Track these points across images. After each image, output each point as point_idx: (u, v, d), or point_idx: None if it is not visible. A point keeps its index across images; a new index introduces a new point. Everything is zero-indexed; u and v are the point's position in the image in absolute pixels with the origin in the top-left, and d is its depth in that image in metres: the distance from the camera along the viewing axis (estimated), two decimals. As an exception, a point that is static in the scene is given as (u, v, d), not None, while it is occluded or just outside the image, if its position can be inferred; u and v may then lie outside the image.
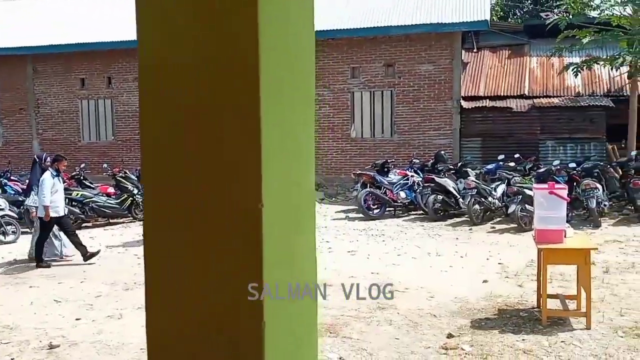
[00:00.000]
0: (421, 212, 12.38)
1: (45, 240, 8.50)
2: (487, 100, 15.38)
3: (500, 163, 12.99)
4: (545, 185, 5.83)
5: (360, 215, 12.17)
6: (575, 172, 11.64)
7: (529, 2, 29.60)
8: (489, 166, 13.00)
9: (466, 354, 4.91)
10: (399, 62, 15.66)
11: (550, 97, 15.21)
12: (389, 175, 13.01)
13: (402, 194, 12.53)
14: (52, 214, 8.27)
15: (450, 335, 5.34)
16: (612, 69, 14.18)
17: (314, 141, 1.12)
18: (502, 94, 15.55)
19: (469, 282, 7.14)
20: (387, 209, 12.41)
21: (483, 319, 5.79)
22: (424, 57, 15.39)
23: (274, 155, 0.89)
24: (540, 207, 5.66)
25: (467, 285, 6.99)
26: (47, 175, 8.34)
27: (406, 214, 12.56)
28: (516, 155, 13.44)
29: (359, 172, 13.37)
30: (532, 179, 11.21)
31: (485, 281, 7.17)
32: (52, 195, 8.25)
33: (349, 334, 5.48)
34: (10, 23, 18.88)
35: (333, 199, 14.80)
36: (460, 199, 11.72)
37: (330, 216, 12.56)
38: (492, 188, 11.65)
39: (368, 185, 12.57)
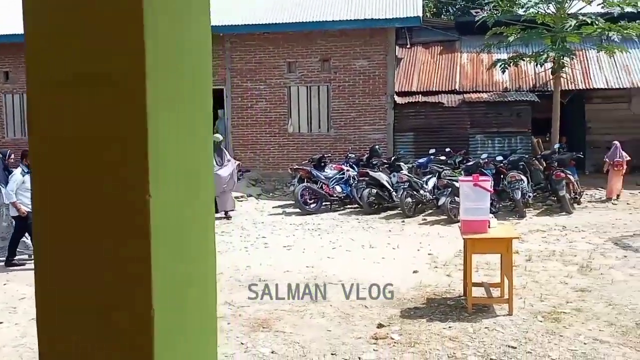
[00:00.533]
0: (356, 205, 12.55)
1: (19, 239, 8.17)
2: (420, 95, 15.75)
3: (432, 157, 13.37)
4: (471, 178, 6.05)
5: (297, 210, 12.22)
6: (502, 164, 12.13)
7: (462, -1, 30.46)
8: (421, 160, 13.37)
9: (395, 342, 5.05)
10: (334, 57, 15.79)
11: (479, 92, 15.73)
12: (326, 170, 13.13)
13: (338, 188, 12.67)
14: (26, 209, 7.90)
15: (380, 325, 5.47)
16: (536, 65, 14.81)
17: (212, 136, 1.14)
18: (434, 89, 15.97)
19: (400, 273, 7.32)
20: (324, 203, 12.52)
21: (412, 308, 5.96)
22: (359, 53, 15.58)
23: (164, 147, 0.92)
24: (465, 198, 5.88)
25: (398, 276, 7.16)
26: (18, 171, 8.09)
27: (342, 208, 12.71)
28: (447, 149, 13.85)
29: (296, 167, 13.42)
30: (462, 172, 11.57)
31: (415, 272, 7.37)
32: (25, 192, 7.89)
33: (282, 328, 5.51)
34: None
35: (270, 194, 14.78)
36: (394, 192, 11.98)
37: (267, 212, 12.56)
38: (423, 181, 11.98)
39: (305, 180, 12.63)
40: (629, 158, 12.80)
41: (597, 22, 13.40)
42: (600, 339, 5.03)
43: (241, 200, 13.56)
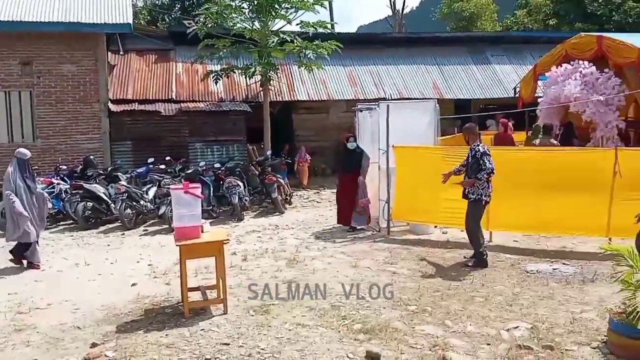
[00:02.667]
0: (71, 221, 11.68)
1: None
2: (136, 103, 15.40)
3: (151, 166, 13.21)
4: (182, 186, 6.18)
5: (-3, 232, 10.79)
6: (220, 171, 12.61)
7: (178, 8, 30.68)
8: (140, 169, 13.11)
9: (109, 360, 4.88)
10: (37, 60, 14.42)
11: (196, 101, 16.08)
12: (32, 184, 11.89)
13: (48, 204, 11.59)
14: None
15: (93, 345, 5.23)
16: (246, 77, 15.75)
17: None
18: (150, 98, 15.78)
19: (117, 288, 7.08)
20: (31, 221, 11.31)
21: (129, 322, 5.83)
22: (66, 57, 14.52)
23: None
24: (178, 206, 5.98)
25: (115, 292, 6.93)
26: None
27: (54, 225, 11.65)
28: (167, 158, 13.84)
29: (-6, 182, 11.83)
30: (182, 180, 11.68)
31: (134, 284, 7.21)
32: None
33: (-25, 367, 4.86)
34: None
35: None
36: (112, 205, 11.51)
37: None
38: (143, 191, 11.77)
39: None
40: (310, 158, 16.08)
41: (296, 40, 14.89)
42: (302, 323, 5.64)
43: None
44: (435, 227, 9.75)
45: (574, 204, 8.05)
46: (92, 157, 13.62)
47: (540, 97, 13.40)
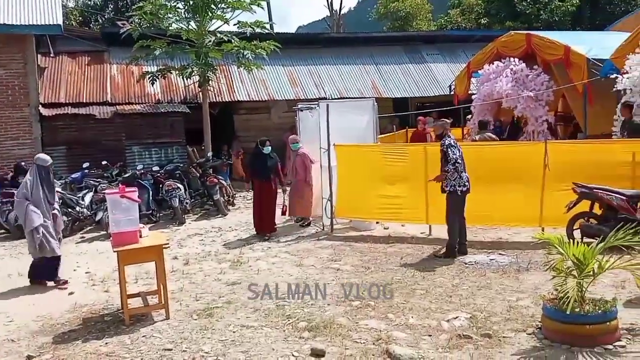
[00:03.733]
0: (2, 231, 11.17)
1: None
2: (69, 107, 14.86)
3: (86, 171, 12.78)
4: (117, 190, 6.02)
5: None
6: (159, 174, 12.35)
7: (111, 9, 29.82)
8: (75, 175, 12.66)
9: (46, 372, 4.70)
10: (-39, 63, 13.71)
11: (132, 104, 15.65)
12: (-42, 194, 11.29)
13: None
14: None
15: (29, 358, 5.03)
16: (183, 78, 15.46)
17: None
18: (84, 101, 15.27)
19: (53, 298, 6.83)
20: (-42, 232, 10.76)
21: (67, 332, 5.64)
22: (-8, 60, 13.87)
23: None
24: (114, 211, 5.83)
25: (51, 302, 6.68)
26: None
27: (-16, 236, 11.13)
28: (103, 162, 13.41)
29: None
30: (119, 185, 11.36)
31: (71, 293, 6.99)
32: None
33: None
34: None
35: None
36: (47, 212, 11.05)
37: None
38: (79, 197, 11.38)
39: None
40: (242, 152, 16.35)
41: (234, 40, 14.75)
42: (247, 324, 5.60)
43: None
44: (377, 223, 9.89)
45: (508, 197, 8.37)
46: (23, 163, 12.94)
47: (474, 94, 13.84)
